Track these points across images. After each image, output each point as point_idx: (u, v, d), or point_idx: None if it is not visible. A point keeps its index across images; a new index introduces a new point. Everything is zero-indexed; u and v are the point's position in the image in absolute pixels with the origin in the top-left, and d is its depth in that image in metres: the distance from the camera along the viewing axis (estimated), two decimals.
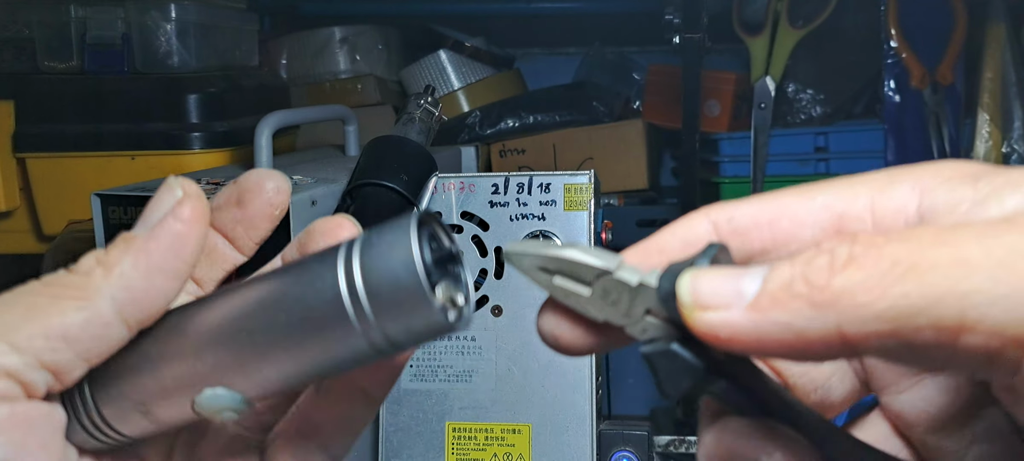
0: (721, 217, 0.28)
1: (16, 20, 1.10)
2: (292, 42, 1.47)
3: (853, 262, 0.22)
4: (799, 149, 1.31)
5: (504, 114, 1.36)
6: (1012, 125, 1.23)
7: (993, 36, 1.24)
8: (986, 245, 0.21)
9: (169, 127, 1.04)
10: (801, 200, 0.27)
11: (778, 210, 0.27)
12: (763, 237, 0.28)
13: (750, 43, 1.30)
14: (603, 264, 0.27)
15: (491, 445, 0.82)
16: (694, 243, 0.28)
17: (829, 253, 0.23)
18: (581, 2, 1.56)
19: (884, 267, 0.22)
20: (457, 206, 0.83)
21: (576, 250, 0.27)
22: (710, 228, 0.28)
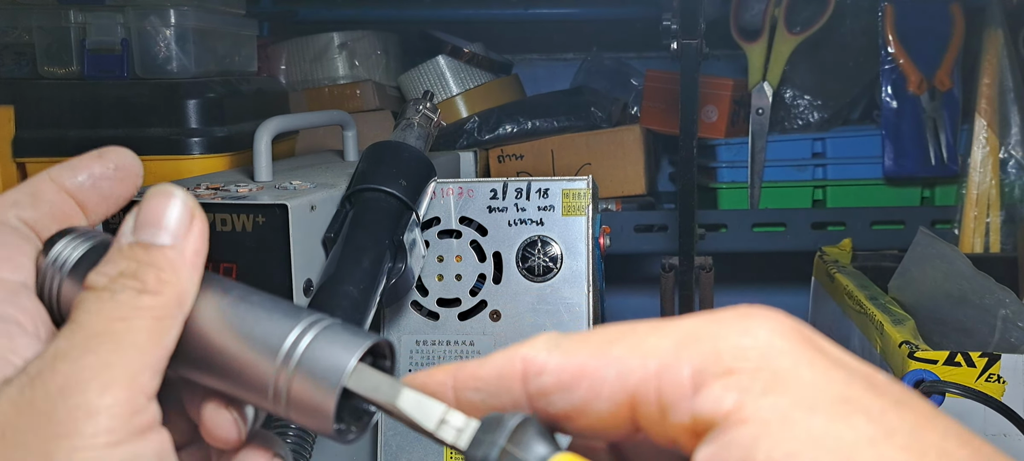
0: (532, 369, 0.28)
1: (16, 26, 1.10)
2: (291, 47, 1.47)
3: None
4: (796, 155, 1.31)
5: (502, 119, 1.36)
6: (1009, 131, 1.24)
7: (990, 42, 1.24)
8: None
9: (168, 132, 1.04)
10: (598, 363, 0.27)
11: (577, 373, 0.27)
12: (563, 402, 0.28)
13: (748, 49, 1.30)
14: (425, 424, 0.29)
15: None
16: (506, 387, 0.29)
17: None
18: (579, 8, 1.56)
19: None
20: (455, 211, 0.83)
21: (404, 402, 0.30)
22: (521, 377, 0.28)
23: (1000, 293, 0.84)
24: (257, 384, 0.31)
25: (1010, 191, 1.24)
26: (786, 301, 1.54)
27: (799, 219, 1.28)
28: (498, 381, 0.29)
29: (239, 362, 0.31)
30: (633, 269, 1.61)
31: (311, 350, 0.30)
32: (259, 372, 0.30)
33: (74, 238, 0.34)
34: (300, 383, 0.30)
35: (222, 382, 0.32)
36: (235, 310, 0.32)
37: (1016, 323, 0.82)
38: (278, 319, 0.31)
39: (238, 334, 0.31)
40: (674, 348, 0.26)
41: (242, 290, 0.32)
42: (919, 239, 0.96)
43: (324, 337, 0.30)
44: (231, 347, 0.31)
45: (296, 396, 0.30)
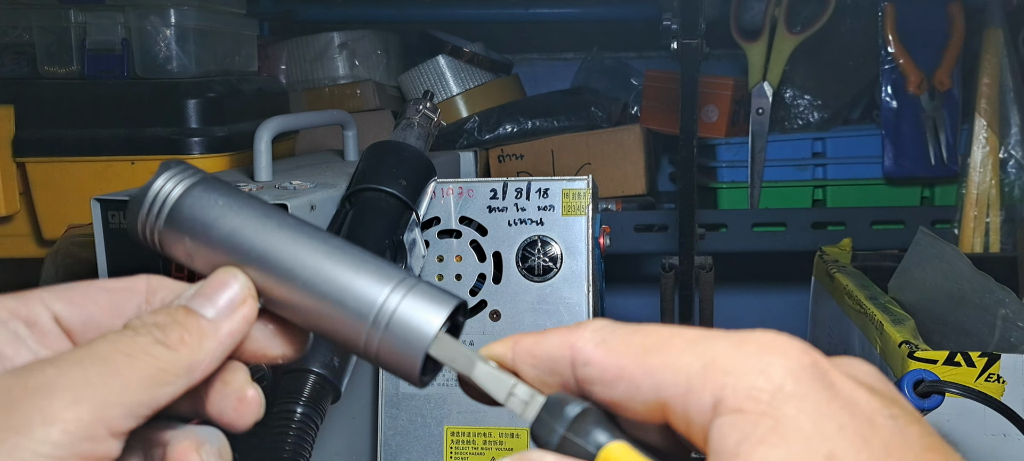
0: (579, 358, 0.31)
1: (16, 25, 1.10)
2: (291, 47, 1.47)
3: None
4: (797, 154, 1.31)
5: (503, 119, 1.36)
6: (1009, 131, 1.24)
7: (990, 42, 1.24)
8: None
9: (168, 132, 1.04)
10: (637, 367, 0.29)
11: (618, 374, 0.30)
12: (604, 394, 0.30)
13: (748, 49, 1.30)
14: (496, 394, 0.32)
15: (489, 449, 0.82)
16: (557, 369, 0.31)
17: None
18: (579, 8, 1.56)
19: None
20: (455, 211, 0.83)
21: (479, 372, 0.33)
22: (570, 362, 0.31)
23: (1000, 293, 0.84)
24: (351, 337, 0.34)
25: (1010, 191, 1.24)
26: (786, 301, 1.56)
27: (799, 219, 1.28)
28: (550, 362, 0.32)
29: (335, 317, 0.34)
30: (633, 269, 1.61)
31: (401, 313, 0.33)
32: (352, 328, 0.34)
33: (175, 174, 0.36)
34: (390, 342, 0.33)
35: (315, 327, 0.35)
36: (332, 262, 0.34)
37: (1016, 323, 0.82)
38: (371, 276, 0.34)
39: (335, 288, 0.34)
40: (702, 373, 0.28)
41: (336, 242, 0.35)
42: (919, 239, 0.96)
43: (413, 298, 0.34)
44: (328, 301, 0.34)
45: (386, 354, 0.33)
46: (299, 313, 0.35)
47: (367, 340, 0.33)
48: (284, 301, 0.35)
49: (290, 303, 0.34)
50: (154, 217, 0.36)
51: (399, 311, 0.33)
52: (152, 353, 0.31)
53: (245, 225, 0.35)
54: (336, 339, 0.34)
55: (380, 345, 0.33)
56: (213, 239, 0.35)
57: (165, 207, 0.36)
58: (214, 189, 0.36)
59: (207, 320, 0.33)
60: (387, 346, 0.33)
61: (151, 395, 0.31)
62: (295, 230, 0.35)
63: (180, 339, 0.32)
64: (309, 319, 0.34)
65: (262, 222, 0.35)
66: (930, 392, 0.67)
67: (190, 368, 0.32)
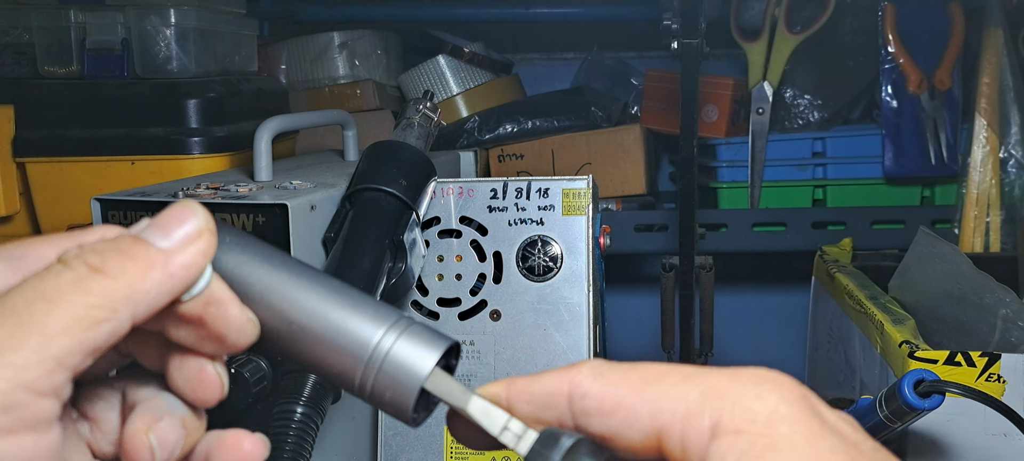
0: (577, 393, 0.32)
1: (16, 25, 1.10)
2: (291, 47, 1.47)
3: None
4: (797, 154, 1.31)
5: (503, 119, 1.36)
6: (1009, 130, 1.24)
7: (990, 42, 1.24)
8: None
9: (168, 132, 1.04)
10: (634, 397, 0.31)
11: (615, 404, 0.31)
12: (602, 425, 0.31)
13: (748, 48, 1.30)
14: (489, 428, 0.33)
15: (490, 449, 0.82)
16: (554, 404, 0.32)
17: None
18: (579, 8, 1.56)
19: None
20: (456, 211, 0.83)
21: (474, 407, 0.34)
22: (567, 400, 0.32)
23: (1000, 292, 0.84)
24: (345, 375, 0.34)
25: (1010, 190, 1.24)
26: (786, 301, 1.56)
27: (799, 218, 1.28)
28: (546, 398, 0.32)
29: (330, 355, 0.34)
30: (633, 269, 1.61)
31: (396, 352, 0.34)
32: (347, 366, 0.34)
33: None
34: (384, 381, 0.34)
35: (310, 365, 0.35)
36: (325, 301, 0.35)
37: (1016, 322, 0.82)
38: (368, 316, 0.35)
39: (330, 327, 0.34)
40: (699, 399, 0.30)
41: (335, 283, 0.35)
42: (919, 238, 0.96)
43: (408, 338, 0.34)
44: (323, 339, 0.34)
45: (379, 391, 0.34)
46: (295, 350, 0.35)
47: (362, 378, 0.34)
48: (281, 337, 0.35)
49: (287, 339, 0.35)
50: None
51: (394, 350, 0.34)
52: (83, 287, 0.29)
53: (245, 263, 0.35)
54: (330, 375, 0.35)
55: (375, 383, 0.34)
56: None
57: None
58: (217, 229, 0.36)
59: (157, 249, 0.31)
60: (381, 383, 0.34)
61: (83, 339, 0.28)
62: (295, 269, 0.35)
63: (120, 266, 0.29)
64: (304, 355, 0.35)
65: (262, 261, 0.35)
66: (931, 392, 0.67)
67: (130, 298, 0.29)
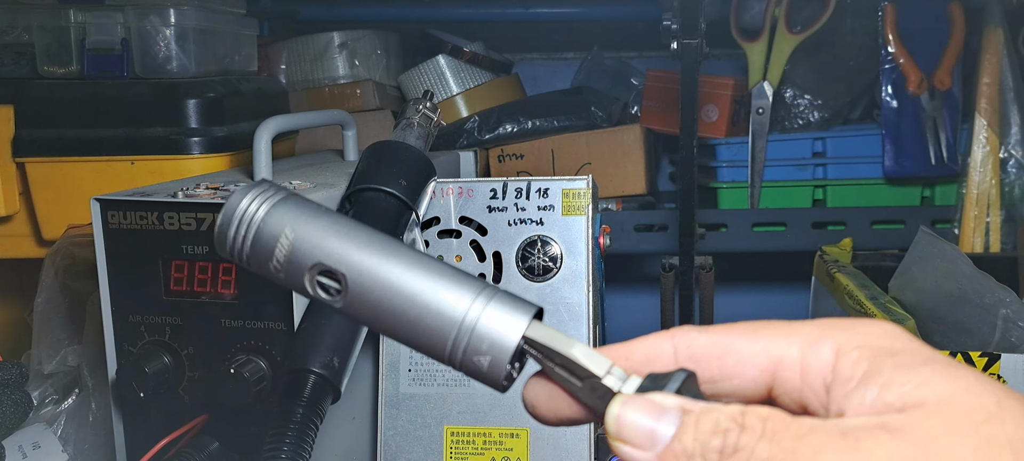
0: (682, 342, 0.34)
1: (16, 25, 1.10)
2: (291, 47, 1.47)
3: (739, 451, 0.29)
4: (797, 154, 1.31)
5: (503, 119, 1.36)
6: (1009, 130, 1.23)
7: (990, 42, 1.24)
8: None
9: (168, 132, 1.04)
10: (747, 340, 0.33)
11: (727, 346, 0.33)
12: (712, 368, 0.34)
13: (748, 48, 1.30)
14: (594, 369, 0.34)
15: (489, 449, 0.82)
16: (656, 359, 0.35)
17: (723, 436, 0.30)
18: (579, 8, 1.56)
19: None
20: (455, 211, 0.83)
21: (577, 350, 0.34)
22: (671, 349, 0.34)
23: (1000, 292, 0.84)
24: (438, 337, 0.35)
25: (1010, 190, 1.24)
26: (786, 301, 1.56)
27: (799, 219, 1.28)
28: (647, 354, 0.34)
29: (424, 321, 0.35)
30: (633, 269, 1.61)
31: (493, 307, 0.35)
32: (440, 330, 0.35)
33: (261, 193, 0.37)
34: (482, 334, 0.35)
35: (406, 333, 0.36)
36: (422, 268, 0.36)
37: (1016, 322, 0.82)
38: (458, 283, 0.36)
39: (427, 291, 0.35)
40: (817, 331, 0.32)
41: (416, 252, 0.37)
42: (919, 238, 0.96)
43: (500, 299, 0.35)
44: (419, 305, 0.35)
45: (476, 345, 0.35)
46: (387, 319, 0.36)
47: (455, 341, 0.35)
48: (374, 307, 0.36)
49: (380, 309, 0.36)
50: (242, 238, 0.37)
51: (492, 304, 0.35)
52: None
53: (333, 238, 0.36)
54: (420, 341, 0.35)
55: (471, 338, 0.35)
56: (303, 254, 0.36)
57: (252, 227, 0.37)
58: (300, 206, 0.37)
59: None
60: (478, 337, 0.35)
61: None
62: (383, 241, 0.37)
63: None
64: (397, 323, 0.36)
65: (351, 234, 0.37)
66: None
67: None
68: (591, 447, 0.81)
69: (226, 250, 0.37)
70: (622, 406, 0.31)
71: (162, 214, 0.72)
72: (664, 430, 0.30)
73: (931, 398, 0.29)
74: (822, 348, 0.32)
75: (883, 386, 0.30)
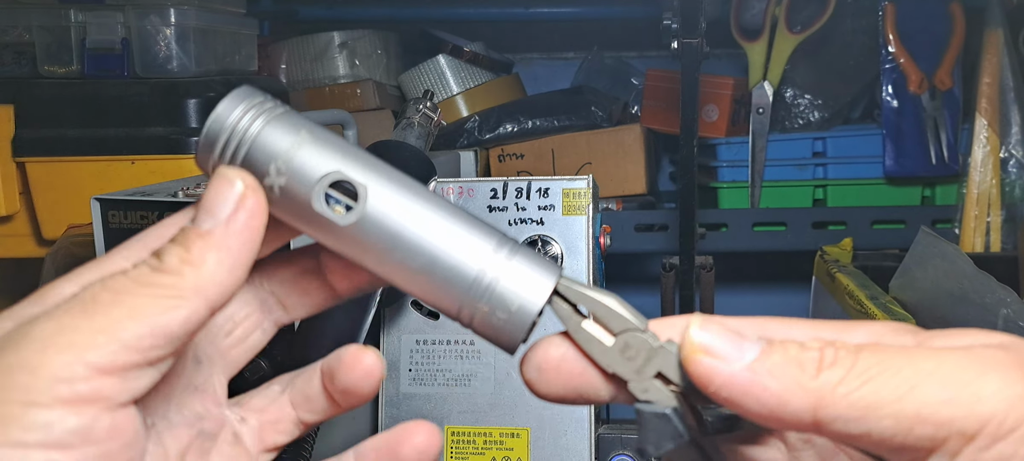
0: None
1: (16, 25, 1.10)
2: (291, 47, 1.47)
3: (837, 363, 0.28)
4: (797, 154, 1.31)
5: (503, 119, 1.36)
6: (1010, 130, 1.23)
7: (991, 42, 1.24)
8: (937, 360, 0.28)
9: (169, 131, 1.04)
10: (781, 328, 0.32)
11: (761, 332, 0.31)
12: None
13: (748, 48, 1.30)
14: (636, 320, 0.31)
15: (490, 449, 0.82)
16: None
17: (819, 350, 0.29)
18: (580, 7, 1.56)
19: (859, 370, 0.28)
20: None
21: (614, 300, 0.32)
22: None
23: (1001, 292, 0.83)
24: (456, 285, 0.32)
25: (1011, 190, 1.24)
26: (787, 301, 1.55)
27: (800, 218, 1.28)
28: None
29: (443, 266, 0.32)
30: (634, 268, 1.61)
31: (521, 258, 0.32)
32: (461, 277, 0.32)
33: (253, 104, 0.32)
34: (509, 284, 0.32)
35: (415, 277, 0.32)
36: (441, 208, 0.32)
37: (1017, 322, 0.82)
38: (481, 229, 0.32)
39: (447, 234, 0.32)
40: (842, 324, 0.32)
41: (434, 195, 0.33)
42: (920, 238, 0.96)
43: (525, 252, 0.32)
44: (438, 247, 0.32)
45: (501, 296, 0.32)
46: (402, 250, 0.32)
47: (474, 285, 0.32)
48: (390, 232, 0.32)
49: (397, 235, 0.32)
50: (229, 156, 0.32)
51: (519, 256, 0.32)
52: (147, 282, 0.30)
53: (350, 153, 0.32)
54: (434, 282, 0.32)
55: (493, 291, 0.32)
56: (312, 164, 0.32)
57: (243, 145, 0.32)
58: (298, 124, 0.32)
59: (206, 231, 0.31)
60: (504, 288, 0.32)
61: (154, 325, 0.29)
62: (400, 173, 0.33)
63: (180, 260, 0.30)
64: (412, 256, 0.32)
65: (367, 156, 0.33)
66: None
67: (199, 288, 0.30)
68: (591, 447, 0.81)
69: (208, 166, 0.32)
70: (701, 330, 0.30)
71: (163, 214, 0.72)
72: (746, 354, 0.29)
73: (999, 341, 0.29)
74: (856, 333, 0.31)
75: (949, 336, 0.30)
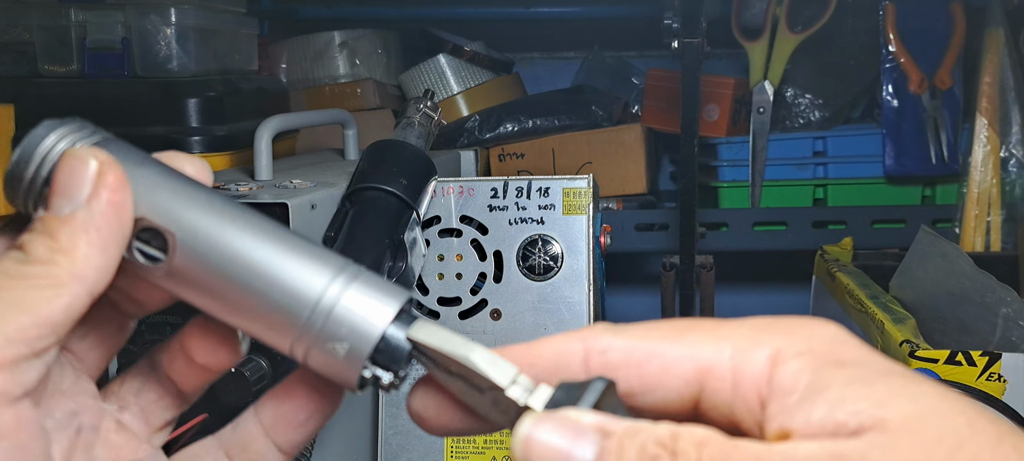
0: (595, 346, 0.29)
1: (16, 24, 1.10)
2: (292, 46, 1.47)
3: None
4: (797, 153, 1.31)
5: (503, 118, 1.36)
6: (1010, 130, 1.23)
7: (991, 41, 1.24)
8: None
9: (168, 131, 1.04)
10: (671, 345, 0.29)
11: (648, 352, 0.28)
12: (631, 376, 0.29)
13: (749, 48, 1.30)
14: (498, 379, 0.28)
15: (490, 448, 0.82)
16: (565, 365, 0.29)
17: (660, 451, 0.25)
18: (580, 7, 1.56)
19: None
20: (456, 210, 0.83)
21: (477, 356, 0.29)
22: (582, 354, 0.29)
23: (1001, 292, 0.83)
24: (282, 325, 0.30)
25: (1011, 190, 1.24)
26: (787, 300, 1.55)
27: (800, 218, 1.28)
28: (556, 359, 0.29)
29: (266, 302, 0.30)
30: (634, 268, 1.61)
31: (352, 294, 0.30)
32: (286, 316, 0.30)
33: (70, 132, 0.32)
34: (332, 330, 0.29)
35: (241, 317, 0.31)
36: (270, 239, 0.30)
37: (1017, 322, 0.82)
38: (313, 259, 0.30)
39: (271, 267, 0.30)
40: (750, 336, 0.28)
41: (269, 221, 0.31)
42: (920, 238, 0.96)
43: (362, 285, 0.30)
44: (262, 281, 0.30)
45: (325, 340, 0.30)
46: (221, 293, 0.30)
47: (308, 322, 0.29)
48: (206, 278, 0.30)
49: (214, 280, 0.30)
50: (41, 183, 0.30)
51: (355, 285, 0.30)
52: (22, 273, 0.29)
53: (161, 191, 0.31)
54: (262, 321, 0.30)
55: (324, 327, 0.29)
56: None
57: (46, 170, 0.30)
58: (122, 150, 0.31)
59: (68, 215, 0.30)
60: (333, 326, 0.29)
61: (38, 314, 0.28)
62: (223, 201, 0.31)
63: (49, 249, 0.29)
64: (234, 298, 0.30)
65: (183, 189, 0.31)
66: None
67: (75, 274, 0.29)
68: None
69: (18, 196, 0.31)
70: (532, 426, 0.26)
71: None
72: (581, 455, 0.26)
73: (893, 419, 0.25)
74: (757, 355, 0.27)
75: (833, 403, 0.25)
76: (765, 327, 0.28)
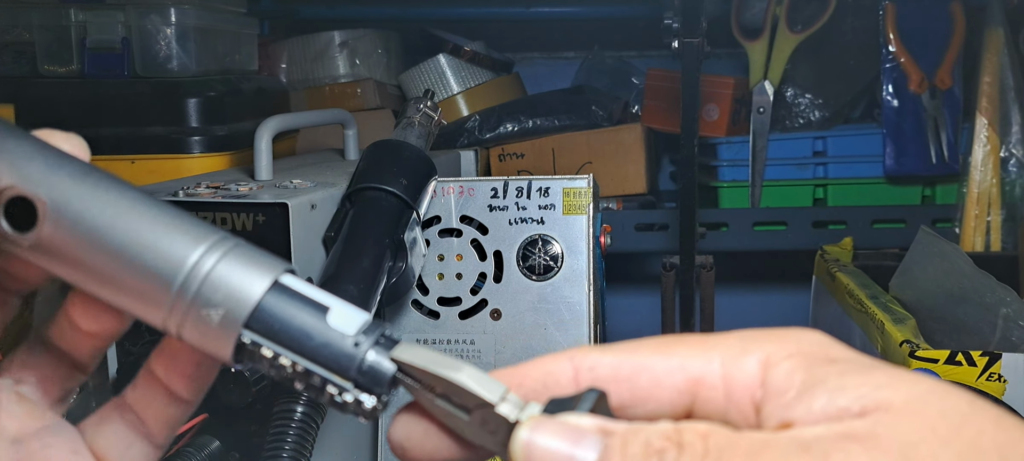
0: (584, 363, 0.29)
1: (16, 24, 1.10)
2: (292, 46, 1.47)
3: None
4: (797, 153, 1.31)
5: (503, 118, 1.36)
6: (1010, 129, 1.23)
7: (991, 41, 1.24)
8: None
9: (169, 131, 1.04)
10: (660, 358, 0.29)
11: (638, 366, 0.29)
12: (621, 391, 0.29)
13: (749, 48, 1.30)
14: (487, 395, 0.28)
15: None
16: (553, 385, 0.29)
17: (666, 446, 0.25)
18: (580, 7, 1.56)
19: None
20: (456, 210, 0.83)
21: (465, 375, 0.28)
22: (571, 372, 0.29)
23: (1001, 292, 0.83)
24: (153, 300, 0.29)
25: (1011, 190, 1.24)
26: (787, 300, 1.56)
27: (800, 218, 1.28)
28: (544, 379, 0.29)
29: (134, 271, 0.29)
30: (634, 268, 1.61)
31: (234, 256, 0.29)
32: (157, 289, 0.28)
33: None
34: (215, 283, 0.28)
35: (111, 289, 0.30)
36: (141, 207, 0.29)
37: (1017, 322, 0.82)
38: (185, 230, 0.29)
39: (140, 236, 0.29)
40: (738, 344, 0.28)
41: (135, 191, 0.30)
42: (920, 238, 0.96)
43: (235, 257, 0.29)
44: (133, 250, 0.29)
45: (198, 313, 0.29)
46: (90, 263, 0.29)
47: (179, 294, 0.28)
48: (76, 247, 0.29)
49: (83, 250, 0.29)
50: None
51: (235, 251, 0.29)
52: None
53: (30, 159, 0.29)
54: (132, 291, 0.29)
55: (195, 300, 0.28)
56: None
57: None
58: None
59: None
60: (204, 298, 0.28)
61: None
62: (95, 170, 0.30)
63: None
64: (104, 268, 0.29)
65: (54, 159, 0.30)
66: None
67: None
68: None
69: None
70: (532, 430, 0.26)
71: None
72: (585, 456, 0.26)
73: (895, 400, 0.25)
74: (747, 362, 0.28)
75: (833, 392, 0.26)
76: (752, 337, 0.28)
